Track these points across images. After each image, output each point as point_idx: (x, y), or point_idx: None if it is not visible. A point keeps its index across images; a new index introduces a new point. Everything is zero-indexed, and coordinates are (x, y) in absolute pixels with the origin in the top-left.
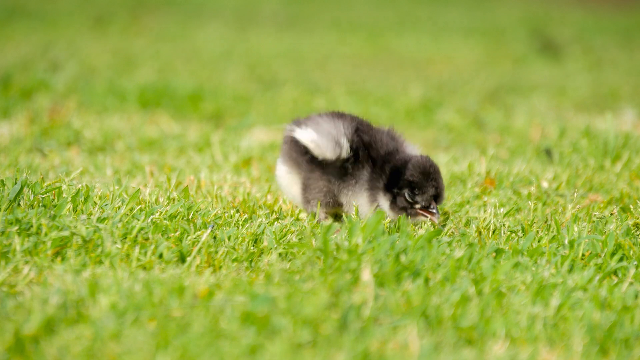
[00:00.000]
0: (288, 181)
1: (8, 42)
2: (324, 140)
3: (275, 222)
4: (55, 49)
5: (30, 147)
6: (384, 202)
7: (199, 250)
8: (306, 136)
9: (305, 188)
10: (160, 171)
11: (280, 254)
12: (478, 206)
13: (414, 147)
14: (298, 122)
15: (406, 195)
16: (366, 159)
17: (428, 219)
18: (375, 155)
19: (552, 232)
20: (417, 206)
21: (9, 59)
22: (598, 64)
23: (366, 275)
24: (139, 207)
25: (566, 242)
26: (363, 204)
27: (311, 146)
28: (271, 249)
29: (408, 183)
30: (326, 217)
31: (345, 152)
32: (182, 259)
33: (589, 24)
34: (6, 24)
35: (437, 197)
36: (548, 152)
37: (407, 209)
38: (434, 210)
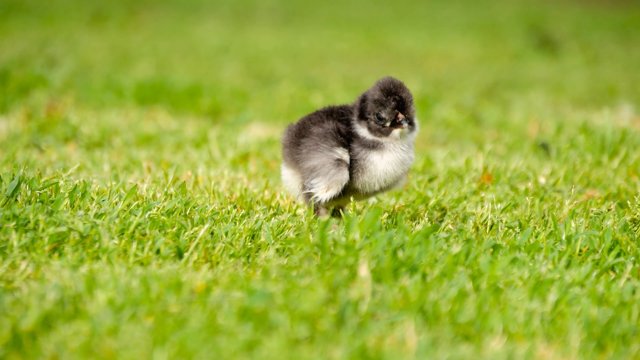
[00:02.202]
0: (295, 183)
1: (5, 37)
2: (334, 188)
3: (273, 218)
4: (53, 44)
5: (28, 142)
6: (362, 130)
7: (197, 246)
8: (326, 196)
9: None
10: (158, 167)
11: (277, 250)
12: (475, 202)
13: None
14: (290, 130)
15: (373, 116)
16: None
17: (399, 132)
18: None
19: (550, 227)
20: (388, 124)
21: (6, 54)
22: (595, 60)
23: (363, 271)
24: (137, 202)
25: (563, 237)
26: (376, 159)
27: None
28: (268, 244)
29: (372, 103)
30: (326, 209)
31: (346, 166)
32: (179, 255)
33: (586, 20)
34: (3, 19)
35: (402, 109)
36: (544, 146)
37: (381, 130)
38: (402, 122)
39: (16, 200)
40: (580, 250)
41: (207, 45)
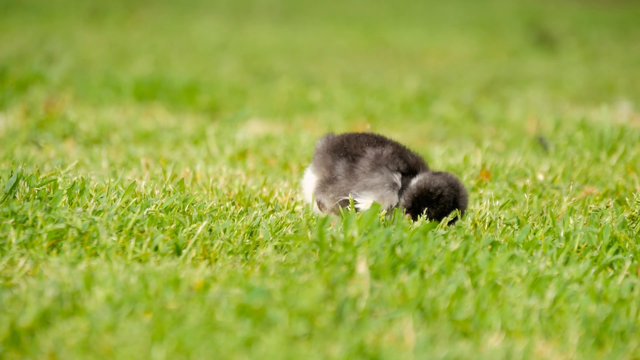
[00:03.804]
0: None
1: (3, 34)
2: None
3: (271, 215)
4: (51, 41)
5: (26, 139)
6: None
7: (195, 243)
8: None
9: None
10: (156, 164)
11: (275, 247)
12: (474, 199)
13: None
14: (329, 140)
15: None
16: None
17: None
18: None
19: (548, 224)
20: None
21: (4, 51)
22: (594, 56)
23: (362, 267)
24: (135, 199)
25: (562, 234)
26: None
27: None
28: (267, 241)
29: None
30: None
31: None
32: (177, 252)
33: (585, 16)
34: (1, 16)
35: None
36: (542, 141)
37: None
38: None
39: (14, 197)
40: (579, 247)
41: (206, 42)
